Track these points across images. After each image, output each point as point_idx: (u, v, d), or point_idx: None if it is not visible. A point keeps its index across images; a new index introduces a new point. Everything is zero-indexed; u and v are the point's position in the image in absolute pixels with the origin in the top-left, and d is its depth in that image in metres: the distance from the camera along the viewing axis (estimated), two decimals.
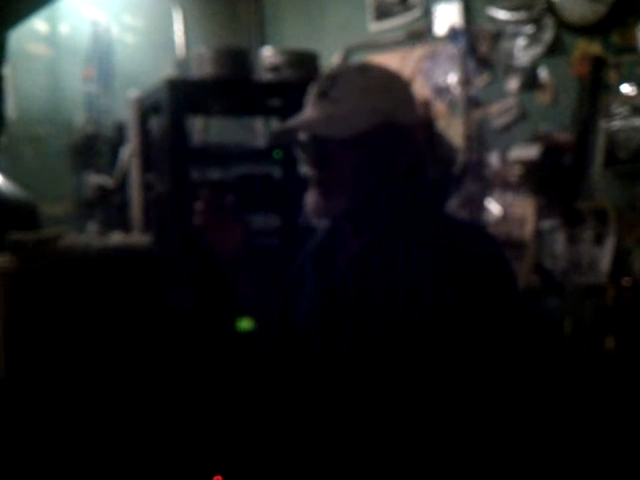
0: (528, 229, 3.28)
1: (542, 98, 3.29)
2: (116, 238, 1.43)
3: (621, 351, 2.95)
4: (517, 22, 3.36)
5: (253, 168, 3.43)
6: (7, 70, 2.36)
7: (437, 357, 1.40)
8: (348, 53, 4.02)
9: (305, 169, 1.55)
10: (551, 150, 3.18)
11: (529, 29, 3.32)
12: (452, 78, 3.57)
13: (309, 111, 1.48)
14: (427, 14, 3.70)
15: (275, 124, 3.74)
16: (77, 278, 1.40)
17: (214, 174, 3.33)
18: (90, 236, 2.43)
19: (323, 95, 1.47)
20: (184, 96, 3.01)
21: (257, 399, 1.64)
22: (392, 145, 1.49)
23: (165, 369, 1.41)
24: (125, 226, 3.37)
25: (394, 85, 1.53)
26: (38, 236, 1.45)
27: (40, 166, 3.61)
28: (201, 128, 3.80)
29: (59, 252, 1.42)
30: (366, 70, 1.53)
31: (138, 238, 1.52)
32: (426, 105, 3.54)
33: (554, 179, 3.19)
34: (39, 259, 1.41)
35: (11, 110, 3.46)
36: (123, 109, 3.54)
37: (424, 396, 1.40)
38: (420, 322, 1.39)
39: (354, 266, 1.51)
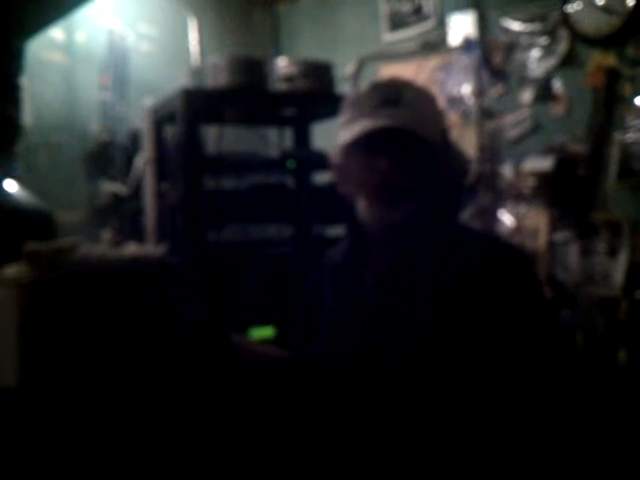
0: (541, 241, 3.27)
1: (556, 109, 3.29)
2: (131, 249, 1.44)
3: (634, 364, 2.94)
4: (531, 33, 3.36)
5: (267, 177, 3.44)
6: (24, 79, 2.37)
7: (479, 369, 1.42)
8: (362, 63, 4.03)
9: (356, 176, 1.53)
10: (565, 162, 3.18)
11: (543, 40, 3.32)
12: (466, 89, 3.58)
13: (383, 114, 1.46)
14: (441, 24, 3.71)
15: (289, 134, 3.75)
16: (93, 289, 1.41)
17: (228, 183, 3.35)
18: (105, 246, 2.45)
19: (394, 102, 1.47)
20: (199, 105, 3.02)
21: (272, 414, 1.64)
22: (452, 160, 1.55)
23: (179, 380, 1.42)
24: (139, 234, 3.38)
25: (435, 101, 1.58)
26: (54, 246, 1.46)
27: (55, 173, 3.63)
28: (215, 137, 3.81)
29: (75, 262, 1.43)
30: (416, 86, 1.56)
31: (153, 249, 1.53)
32: (443, 114, 3.54)
33: (568, 191, 3.18)
34: (55, 269, 1.42)
35: (27, 118, 3.48)
36: (138, 117, 3.56)
37: (465, 410, 1.42)
38: (460, 334, 1.41)
39: (385, 282, 1.51)
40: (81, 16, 3.74)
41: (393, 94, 1.48)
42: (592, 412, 2.81)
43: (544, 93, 3.32)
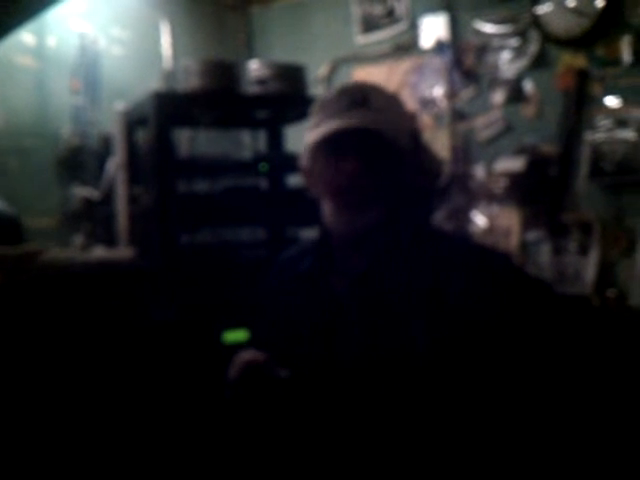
0: (513, 240, 3.30)
1: (527, 111, 3.31)
2: (99, 252, 1.43)
3: (605, 361, 2.96)
4: (502, 35, 3.39)
5: (240, 180, 3.43)
6: None
7: (462, 372, 1.42)
8: (335, 66, 4.03)
9: (322, 179, 1.52)
10: (536, 162, 3.20)
11: (514, 42, 3.34)
12: (438, 91, 3.59)
13: (353, 116, 1.45)
14: (413, 27, 3.72)
15: (263, 137, 3.75)
16: (59, 293, 1.40)
17: (201, 186, 3.34)
18: (73, 250, 2.43)
19: (362, 103, 1.46)
20: (170, 109, 3.01)
21: (242, 413, 1.63)
22: (422, 164, 1.55)
23: (148, 382, 1.41)
24: (111, 239, 3.36)
25: (403, 104, 1.58)
26: (20, 251, 1.45)
27: (26, 179, 3.60)
28: (188, 140, 3.80)
29: (41, 267, 1.42)
30: (384, 90, 1.55)
31: (121, 252, 1.52)
32: (412, 118, 3.56)
33: (539, 191, 3.20)
34: (21, 274, 1.41)
35: None
36: (110, 121, 3.54)
37: (441, 417, 1.42)
38: (438, 339, 1.41)
39: (356, 288, 1.50)
40: (52, 20, 3.71)
41: (361, 96, 1.47)
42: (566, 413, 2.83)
43: (515, 94, 3.34)
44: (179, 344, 1.99)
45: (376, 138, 1.45)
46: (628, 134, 2.96)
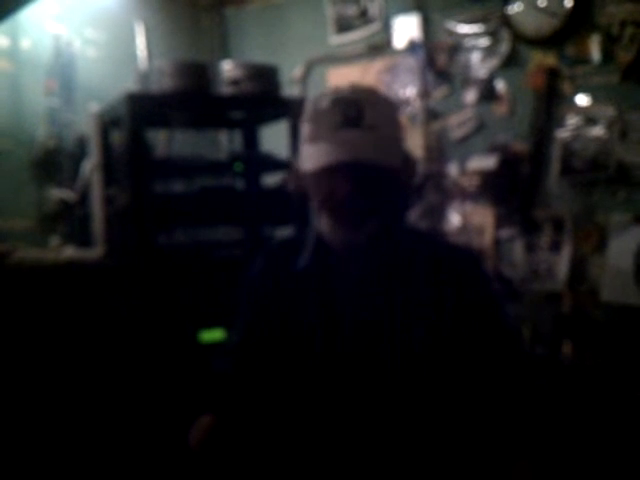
0: (487, 238, 3.33)
1: (499, 109, 3.35)
2: (68, 252, 1.43)
3: (578, 357, 3.00)
4: (474, 35, 3.41)
5: (216, 180, 3.44)
6: None
7: (446, 372, 1.50)
8: (310, 66, 4.05)
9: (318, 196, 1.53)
10: (508, 160, 3.23)
11: (486, 42, 3.37)
12: (411, 90, 3.62)
13: (344, 139, 1.45)
14: (386, 27, 3.74)
15: (238, 137, 3.76)
16: (27, 292, 1.41)
17: (177, 187, 3.35)
18: (43, 251, 2.43)
19: (356, 121, 1.45)
20: (143, 109, 3.02)
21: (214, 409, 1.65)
22: (412, 173, 1.58)
23: (114, 381, 1.42)
24: (87, 240, 3.36)
25: (399, 115, 1.60)
26: None
27: (1, 180, 3.59)
28: (165, 141, 3.80)
29: (10, 267, 1.43)
30: (379, 97, 1.55)
31: (90, 252, 1.53)
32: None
33: (511, 188, 3.24)
34: None
35: None
36: (85, 123, 3.54)
37: (433, 411, 1.49)
38: (429, 339, 1.48)
39: (355, 290, 1.54)
40: (26, 22, 3.71)
41: (354, 112, 1.46)
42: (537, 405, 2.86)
43: (487, 93, 3.37)
44: (148, 342, 2.00)
45: (369, 164, 1.46)
46: (598, 132, 2.99)
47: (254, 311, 1.69)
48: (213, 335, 2.99)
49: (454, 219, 3.44)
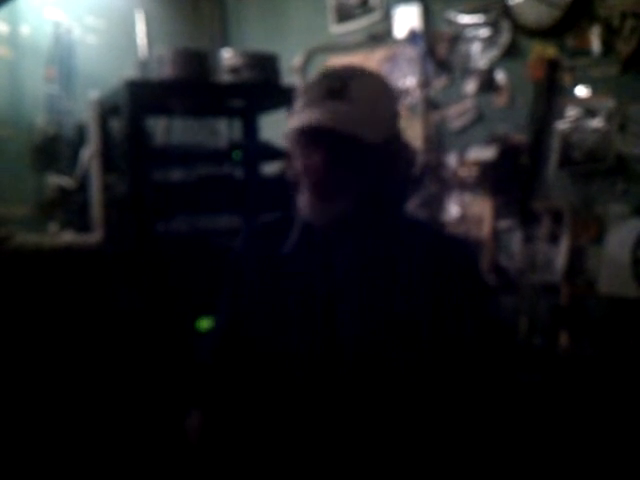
0: (485, 229, 3.33)
1: (499, 100, 3.34)
2: (67, 237, 1.44)
3: (575, 349, 3.01)
4: (475, 25, 3.41)
5: (215, 169, 3.44)
6: None
7: (429, 362, 1.48)
8: (310, 55, 4.05)
9: (297, 168, 1.51)
10: (507, 151, 3.23)
11: (486, 32, 3.36)
12: (411, 80, 3.61)
13: (325, 108, 1.44)
14: (387, 17, 3.74)
15: (237, 125, 3.76)
16: (26, 277, 1.41)
17: (176, 175, 3.35)
18: (41, 236, 2.44)
19: (339, 93, 1.44)
20: (143, 97, 3.02)
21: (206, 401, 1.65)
22: (397, 154, 1.55)
23: (112, 370, 1.42)
24: (86, 227, 3.36)
25: (394, 95, 1.59)
26: None
27: (1, 167, 3.60)
28: (164, 129, 3.80)
29: (8, 252, 1.43)
30: (370, 75, 1.54)
31: (88, 237, 1.53)
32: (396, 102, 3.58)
33: (510, 179, 3.23)
34: None
35: None
36: (84, 110, 3.54)
37: (414, 402, 1.48)
38: (411, 327, 1.47)
39: (337, 274, 1.52)
40: (26, 8, 3.71)
41: (339, 85, 1.45)
42: (535, 397, 2.87)
43: (487, 84, 3.36)
44: (146, 329, 2.01)
45: (345, 135, 1.44)
46: (597, 123, 2.99)
47: (237, 294, 1.66)
48: (210, 323, 3.00)
49: (453, 209, 3.44)
